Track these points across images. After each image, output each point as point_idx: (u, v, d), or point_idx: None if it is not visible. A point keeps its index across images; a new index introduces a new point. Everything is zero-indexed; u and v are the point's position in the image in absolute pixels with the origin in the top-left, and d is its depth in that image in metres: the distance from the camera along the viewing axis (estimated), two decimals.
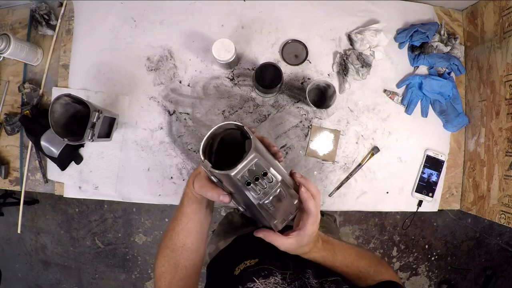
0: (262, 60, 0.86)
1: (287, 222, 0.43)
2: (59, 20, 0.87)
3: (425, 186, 0.88)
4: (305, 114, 0.86)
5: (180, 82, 0.86)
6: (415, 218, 1.95)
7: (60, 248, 2.04)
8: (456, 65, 0.86)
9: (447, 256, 2.01)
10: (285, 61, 0.86)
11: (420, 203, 0.89)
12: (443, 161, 0.88)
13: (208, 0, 0.86)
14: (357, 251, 0.53)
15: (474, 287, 2.02)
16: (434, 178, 0.88)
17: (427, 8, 0.90)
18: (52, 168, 0.86)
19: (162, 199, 0.86)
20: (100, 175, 0.86)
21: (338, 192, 0.87)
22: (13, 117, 0.87)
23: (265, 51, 0.86)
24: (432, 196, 0.88)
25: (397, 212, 1.92)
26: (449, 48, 0.85)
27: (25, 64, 0.88)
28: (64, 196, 0.87)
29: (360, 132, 0.87)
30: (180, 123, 0.86)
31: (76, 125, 0.73)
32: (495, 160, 0.79)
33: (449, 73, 0.88)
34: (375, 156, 0.87)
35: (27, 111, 0.83)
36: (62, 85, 0.87)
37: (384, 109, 0.88)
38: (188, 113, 0.86)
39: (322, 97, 0.84)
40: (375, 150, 0.87)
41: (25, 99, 0.87)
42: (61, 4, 0.88)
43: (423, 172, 0.88)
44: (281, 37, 0.86)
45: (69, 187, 0.87)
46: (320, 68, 0.87)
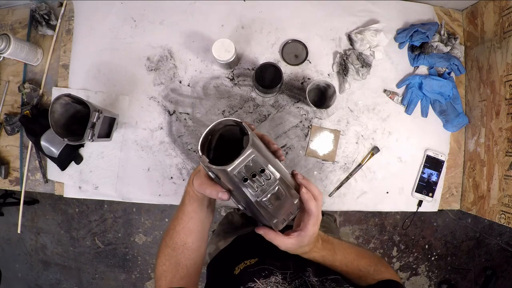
0: (262, 60, 0.86)
1: (288, 222, 0.43)
2: (59, 20, 0.87)
3: (425, 186, 0.88)
4: (305, 114, 0.86)
5: (180, 82, 0.86)
6: (415, 218, 1.95)
7: (60, 248, 2.04)
8: (456, 65, 0.86)
9: (447, 256, 2.01)
10: (285, 61, 0.86)
11: (420, 203, 0.89)
12: (443, 161, 0.88)
13: (208, 0, 0.86)
14: (357, 250, 0.53)
15: (474, 287, 2.01)
16: (434, 178, 0.88)
17: (427, 8, 0.90)
18: (52, 168, 0.86)
19: (162, 199, 0.86)
20: (100, 175, 0.86)
21: (338, 192, 0.87)
22: (13, 117, 0.87)
23: (265, 51, 0.86)
24: (432, 196, 0.88)
25: (397, 212, 1.92)
26: (449, 48, 0.85)
27: (25, 64, 0.88)
28: (64, 196, 0.87)
29: (360, 132, 0.87)
30: (180, 123, 0.86)
31: (76, 125, 0.73)
32: (495, 160, 0.79)
33: (449, 73, 0.88)
34: (375, 156, 0.87)
35: (27, 111, 0.83)
36: (62, 85, 0.87)
37: (384, 109, 0.88)
38: (188, 113, 0.86)
39: (322, 97, 0.84)
40: (375, 150, 0.87)
41: (25, 99, 0.87)
42: (61, 4, 0.88)
43: (423, 172, 0.88)
44: (281, 37, 0.87)
45: (69, 187, 0.87)
46: (320, 68, 0.87)
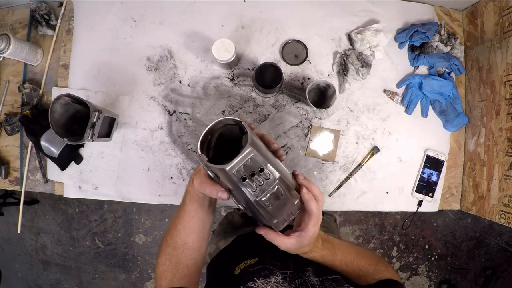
0: (262, 60, 0.86)
1: (289, 222, 0.43)
2: (59, 20, 0.87)
3: (425, 186, 0.88)
4: (305, 114, 0.86)
5: (180, 82, 0.86)
6: (415, 218, 1.95)
7: (60, 248, 2.04)
8: (456, 65, 0.86)
9: (447, 256, 2.01)
10: (285, 61, 0.86)
11: (420, 203, 0.89)
12: (443, 161, 0.88)
13: (208, 0, 0.86)
14: (357, 250, 0.53)
15: (474, 287, 2.01)
16: (434, 178, 0.88)
17: (427, 8, 0.90)
18: (52, 168, 0.86)
19: (162, 199, 0.86)
20: (100, 175, 0.86)
21: (338, 192, 0.87)
22: (13, 117, 0.87)
23: (265, 51, 0.86)
24: (432, 196, 0.88)
25: (397, 212, 1.92)
26: (449, 48, 0.85)
27: (25, 64, 0.88)
28: (64, 196, 0.87)
29: (360, 132, 0.87)
30: (180, 123, 0.86)
31: (76, 125, 0.73)
32: (495, 160, 0.79)
33: (449, 73, 0.88)
34: (375, 156, 0.87)
35: (27, 111, 0.83)
36: (62, 85, 0.87)
37: (384, 109, 0.88)
38: (188, 113, 0.86)
39: (322, 97, 0.84)
40: (375, 150, 0.87)
41: (25, 99, 0.87)
42: (61, 4, 0.88)
43: (423, 172, 0.88)
44: (281, 37, 0.86)
45: (69, 187, 0.87)
46: (320, 68, 0.87)
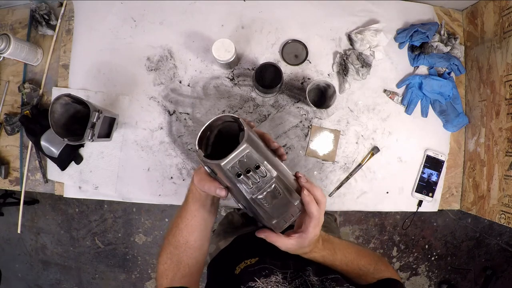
0: (262, 60, 0.86)
1: (289, 224, 0.42)
2: (59, 20, 0.87)
3: (425, 186, 0.88)
4: (305, 114, 0.86)
5: (180, 82, 0.86)
6: (415, 218, 1.95)
7: (60, 248, 2.04)
8: (456, 65, 0.86)
9: (447, 256, 2.01)
10: (285, 61, 0.86)
11: (420, 203, 0.89)
12: (443, 161, 0.88)
13: (208, 0, 0.86)
14: (357, 250, 0.53)
15: (474, 287, 2.02)
16: (434, 178, 0.88)
17: (427, 8, 0.90)
18: (52, 168, 0.86)
19: (162, 199, 0.86)
20: (100, 175, 0.86)
21: (338, 192, 0.87)
22: (13, 117, 0.87)
23: (265, 51, 0.86)
24: (432, 196, 0.88)
25: (397, 212, 1.92)
26: (449, 48, 0.85)
27: (25, 64, 0.88)
28: (64, 196, 0.87)
29: (360, 132, 0.87)
30: (180, 123, 0.86)
31: (76, 125, 0.73)
32: (495, 160, 0.79)
33: (449, 73, 0.88)
34: (375, 156, 0.87)
35: (27, 111, 0.83)
36: (62, 85, 0.87)
37: (384, 109, 0.88)
38: (188, 113, 0.86)
39: (322, 97, 0.84)
40: (375, 150, 0.87)
41: (25, 99, 0.87)
42: (61, 4, 0.88)
43: (423, 172, 0.88)
44: (281, 37, 0.86)
45: (69, 187, 0.87)
46: (320, 68, 0.87)
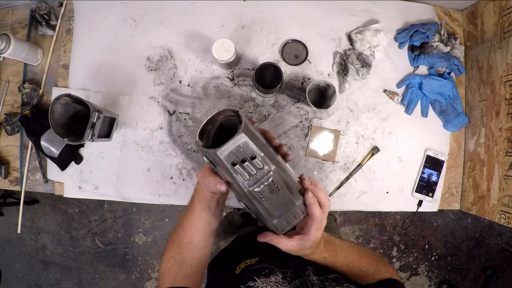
0: (262, 60, 0.86)
1: (292, 227, 0.42)
2: (59, 20, 0.87)
3: (425, 186, 0.88)
4: (305, 114, 0.86)
5: (180, 82, 0.86)
6: (415, 218, 1.94)
7: (60, 248, 2.04)
8: (456, 65, 0.86)
9: (447, 256, 2.01)
10: (285, 61, 0.86)
11: (420, 203, 0.89)
12: (443, 161, 0.88)
13: (208, 0, 0.86)
14: (359, 251, 0.53)
15: (474, 287, 2.01)
16: (434, 178, 0.88)
17: (427, 8, 0.90)
18: (52, 168, 0.86)
19: (162, 199, 0.86)
20: (100, 175, 0.86)
21: (338, 192, 0.87)
22: (13, 117, 0.87)
23: (265, 51, 0.86)
24: (432, 196, 0.88)
25: (397, 212, 1.92)
26: (449, 48, 0.85)
27: (25, 64, 0.88)
28: (64, 196, 0.87)
29: (360, 132, 0.87)
30: (180, 123, 0.86)
31: (76, 125, 0.73)
32: (495, 160, 0.79)
33: (449, 73, 0.88)
34: (375, 156, 0.87)
35: (27, 111, 0.83)
36: (62, 85, 0.87)
37: (384, 109, 0.88)
38: (188, 113, 0.86)
39: (322, 97, 0.84)
40: (375, 150, 0.87)
41: (25, 99, 0.87)
42: (61, 4, 0.88)
43: (423, 172, 0.88)
44: (281, 37, 0.86)
45: (69, 187, 0.87)
46: (320, 68, 0.87)
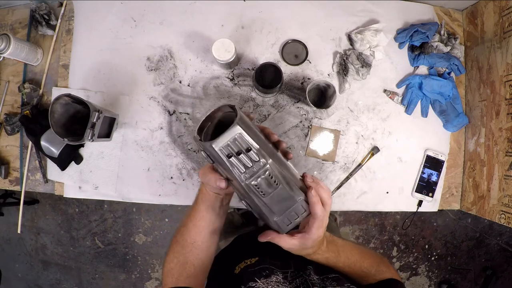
0: (262, 60, 0.86)
1: (294, 225, 0.42)
2: (59, 20, 0.87)
3: (425, 186, 0.88)
4: (305, 114, 0.86)
5: (180, 82, 0.86)
6: (415, 218, 1.94)
7: (60, 248, 2.04)
8: (456, 65, 0.86)
9: (447, 256, 2.01)
10: (285, 61, 0.86)
11: (420, 203, 0.89)
12: (443, 161, 0.88)
13: (208, 0, 0.86)
14: (360, 251, 0.53)
15: (474, 287, 2.01)
16: (434, 178, 0.88)
17: (427, 8, 0.90)
18: (52, 168, 0.86)
19: (162, 199, 0.86)
20: (100, 175, 0.86)
21: (338, 192, 0.87)
22: (13, 117, 0.87)
23: (265, 51, 0.86)
24: (432, 196, 0.88)
25: (397, 212, 1.92)
26: (449, 48, 0.85)
27: (25, 64, 0.88)
28: (64, 196, 0.87)
29: (360, 132, 0.87)
30: (180, 123, 0.86)
31: (76, 125, 0.73)
32: (495, 160, 0.79)
33: (449, 73, 0.88)
34: (375, 156, 0.87)
35: (27, 111, 0.83)
36: (62, 85, 0.87)
37: (384, 109, 0.88)
38: (188, 113, 0.86)
39: (322, 97, 0.84)
40: (375, 150, 0.87)
41: (25, 99, 0.87)
42: (61, 4, 0.88)
43: (423, 172, 0.88)
44: (281, 37, 0.86)
45: (69, 187, 0.87)
46: (320, 68, 0.87)
